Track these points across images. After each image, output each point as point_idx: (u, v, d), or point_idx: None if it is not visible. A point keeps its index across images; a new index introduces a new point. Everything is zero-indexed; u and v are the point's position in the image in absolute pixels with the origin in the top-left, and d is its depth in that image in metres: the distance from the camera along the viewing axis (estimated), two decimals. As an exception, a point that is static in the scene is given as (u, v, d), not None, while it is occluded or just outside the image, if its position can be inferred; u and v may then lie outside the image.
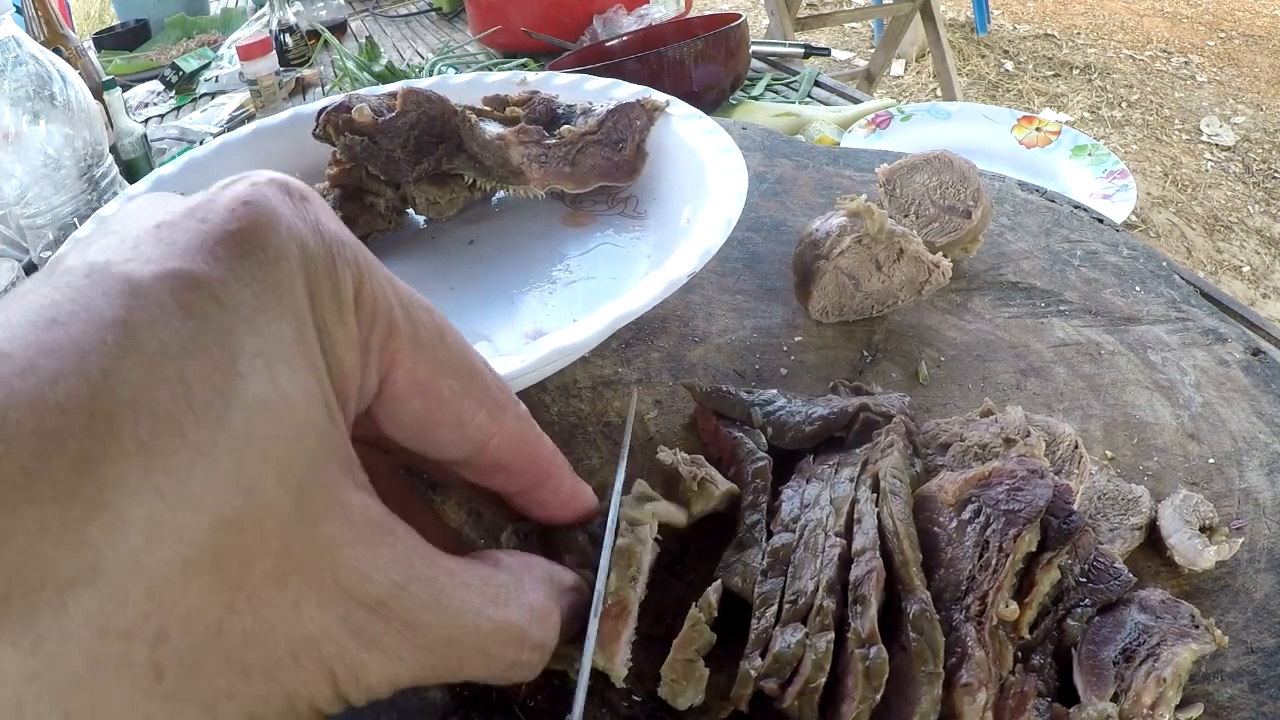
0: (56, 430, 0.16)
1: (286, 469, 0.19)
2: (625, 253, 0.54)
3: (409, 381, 0.23)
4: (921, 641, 0.29)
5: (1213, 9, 3.76)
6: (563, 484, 0.29)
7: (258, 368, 0.18)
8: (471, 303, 0.52)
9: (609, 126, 0.56)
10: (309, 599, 0.19)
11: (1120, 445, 0.43)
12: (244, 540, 0.18)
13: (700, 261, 0.42)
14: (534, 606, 0.25)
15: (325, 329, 0.21)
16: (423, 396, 0.24)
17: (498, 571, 0.25)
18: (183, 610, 0.17)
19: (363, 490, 0.21)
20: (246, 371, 0.18)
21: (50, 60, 0.57)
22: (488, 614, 0.23)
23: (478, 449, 0.25)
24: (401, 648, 0.21)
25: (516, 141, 0.54)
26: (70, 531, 0.16)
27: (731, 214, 0.45)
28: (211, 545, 0.17)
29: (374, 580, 0.20)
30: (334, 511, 0.20)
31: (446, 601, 0.22)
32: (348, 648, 0.20)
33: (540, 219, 0.59)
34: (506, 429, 0.26)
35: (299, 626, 0.19)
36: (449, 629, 0.22)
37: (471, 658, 0.23)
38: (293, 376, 0.19)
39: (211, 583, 0.17)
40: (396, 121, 0.53)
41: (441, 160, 0.55)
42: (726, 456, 0.40)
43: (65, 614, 0.16)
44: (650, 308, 0.40)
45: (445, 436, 0.25)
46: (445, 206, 0.57)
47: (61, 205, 0.57)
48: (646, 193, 0.57)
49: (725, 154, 0.51)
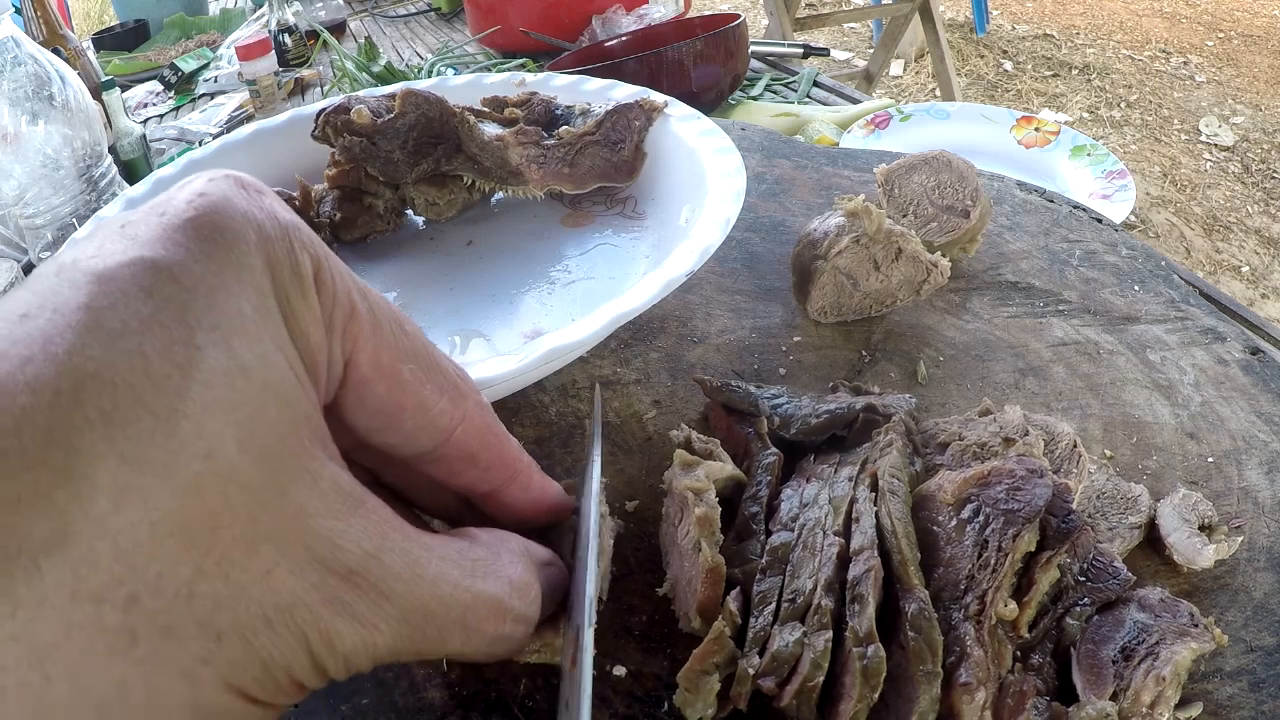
0: (26, 407, 0.16)
1: (248, 435, 0.19)
2: (624, 253, 0.54)
3: (372, 365, 0.24)
4: (920, 640, 0.29)
5: (1211, 9, 3.76)
6: (531, 480, 0.29)
7: (215, 340, 0.19)
8: (470, 303, 0.52)
9: (607, 127, 0.56)
10: (281, 565, 0.19)
11: (1119, 444, 0.43)
12: (208, 505, 0.18)
13: (699, 260, 0.42)
14: (512, 579, 0.25)
15: (288, 304, 0.21)
16: (386, 381, 0.24)
17: (474, 545, 0.25)
18: (153, 574, 0.18)
19: (334, 461, 0.22)
20: (204, 344, 0.19)
21: (49, 60, 0.57)
22: (465, 585, 0.23)
23: (444, 436, 0.26)
24: (376, 617, 0.21)
25: (515, 143, 0.54)
26: (41, 499, 0.16)
27: (730, 213, 0.45)
28: (177, 509, 0.18)
29: (346, 549, 0.21)
30: (302, 479, 0.20)
31: (421, 572, 0.22)
32: (321, 615, 0.20)
33: (539, 219, 0.59)
34: (470, 417, 0.26)
35: (271, 592, 0.19)
36: (425, 599, 0.22)
37: (451, 630, 0.23)
38: (252, 348, 0.20)
39: (180, 546, 0.18)
40: (395, 123, 0.53)
41: (440, 161, 0.55)
42: (740, 451, 0.41)
43: (40, 578, 0.16)
44: (649, 307, 0.40)
45: (411, 423, 0.25)
46: (444, 207, 0.57)
47: (60, 206, 0.57)
48: (645, 193, 0.57)
49: (723, 154, 0.51)
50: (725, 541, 0.35)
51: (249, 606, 0.19)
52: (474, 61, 1.34)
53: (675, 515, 0.36)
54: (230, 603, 0.19)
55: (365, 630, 0.21)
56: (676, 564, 0.35)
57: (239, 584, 0.19)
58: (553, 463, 0.44)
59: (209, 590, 0.18)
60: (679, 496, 0.35)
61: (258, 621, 0.19)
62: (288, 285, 0.21)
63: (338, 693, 0.34)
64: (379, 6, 1.86)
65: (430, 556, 0.23)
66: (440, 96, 0.53)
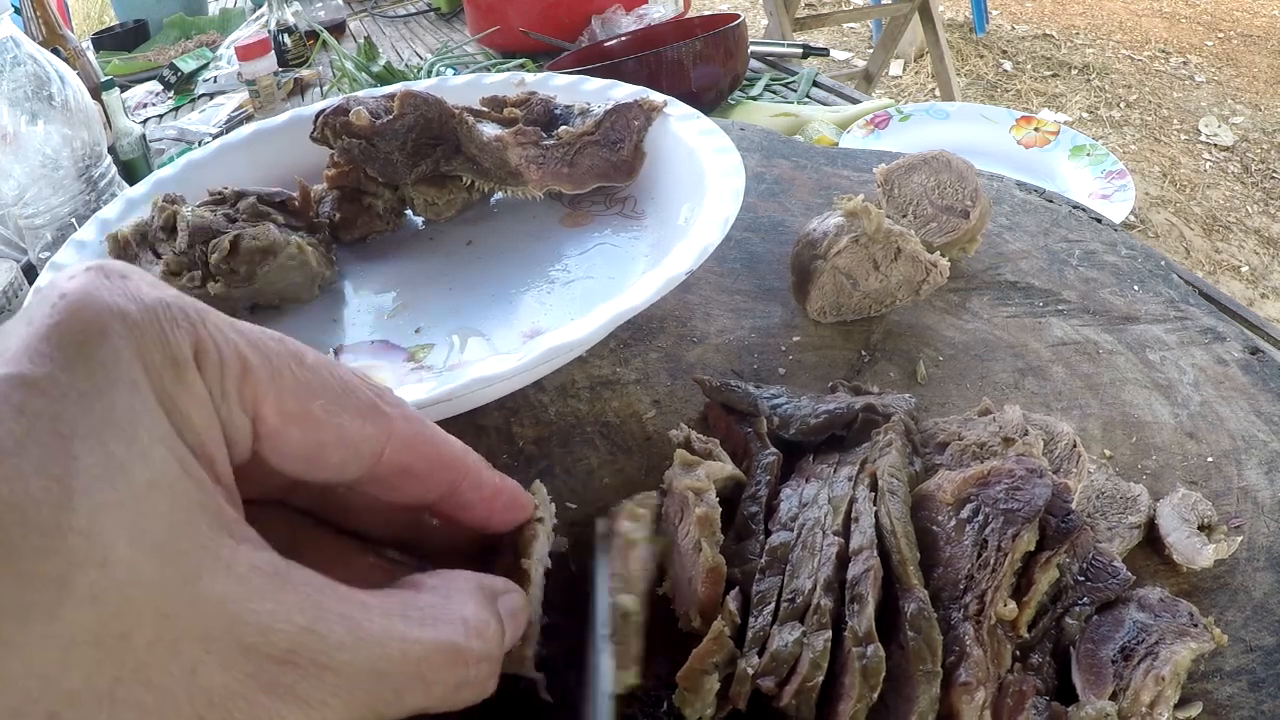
0: None
1: (139, 534, 0.19)
2: (623, 252, 0.54)
3: (279, 414, 0.23)
4: (919, 640, 0.29)
5: (1211, 9, 3.76)
6: (482, 477, 0.28)
7: (90, 447, 0.19)
8: (470, 303, 0.52)
9: (607, 127, 0.56)
10: (206, 661, 0.19)
11: (1119, 444, 0.43)
12: (113, 611, 0.18)
13: (698, 259, 0.42)
14: (467, 619, 0.24)
15: (165, 392, 0.21)
16: (298, 424, 0.23)
17: (420, 593, 0.24)
18: (70, 688, 0.17)
19: (248, 543, 0.21)
20: (80, 452, 0.19)
21: (49, 60, 0.57)
22: (414, 637, 0.22)
23: (373, 459, 0.25)
24: (323, 693, 0.20)
25: (514, 143, 0.54)
26: None
27: (729, 212, 0.45)
28: (84, 620, 0.18)
29: (277, 629, 0.20)
30: (213, 568, 0.20)
31: (364, 634, 0.21)
32: (261, 703, 0.19)
33: (538, 219, 0.59)
34: (397, 432, 0.25)
35: (201, 691, 0.19)
36: (373, 662, 0.21)
37: (408, 687, 0.22)
38: (130, 447, 0.19)
39: (94, 657, 0.18)
40: (394, 124, 0.53)
41: (439, 162, 0.55)
42: (740, 451, 0.41)
43: None
44: (648, 305, 0.40)
45: (336, 457, 0.24)
46: (443, 208, 0.57)
47: (60, 206, 0.57)
48: (644, 192, 0.57)
49: (723, 153, 0.51)
50: (725, 541, 0.35)
51: (178, 709, 0.18)
52: (474, 61, 1.34)
53: (675, 515, 0.36)
54: (157, 709, 0.18)
55: (313, 709, 0.20)
56: (677, 563, 0.35)
57: (164, 688, 0.18)
58: (552, 462, 0.44)
59: (131, 697, 0.18)
60: (679, 496, 0.35)
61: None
62: (161, 373, 0.21)
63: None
64: (379, 6, 1.86)
65: (371, 615, 0.22)
66: (439, 97, 0.54)
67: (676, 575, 0.35)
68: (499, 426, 0.46)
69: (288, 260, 0.51)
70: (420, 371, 0.47)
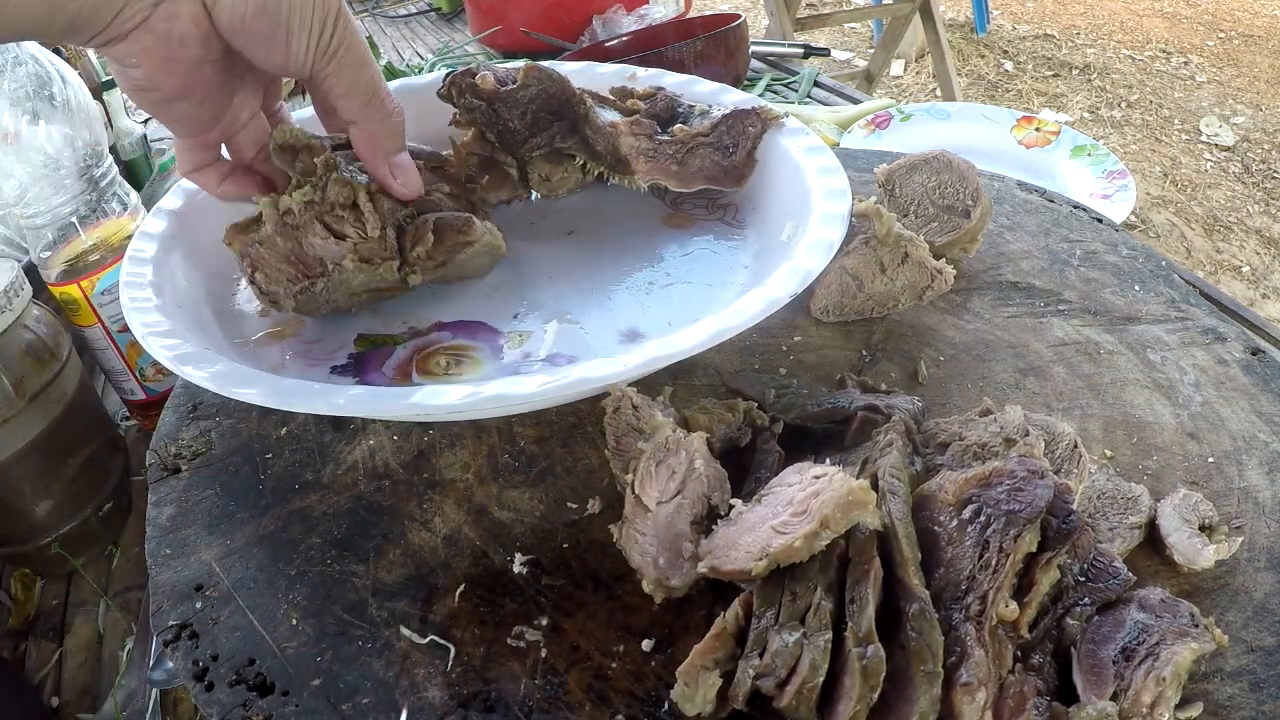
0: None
1: None
2: (723, 260, 0.53)
3: None
4: (920, 641, 0.29)
5: (1212, 9, 3.76)
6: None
7: None
8: (568, 293, 0.52)
9: (722, 130, 0.56)
10: None
11: (1119, 444, 0.43)
12: None
13: (802, 284, 0.42)
14: None
15: None
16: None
17: None
18: None
19: None
20: None
21: (50, 60, 0.57)
22: None
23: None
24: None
25: (628, 132, 0.55)
26: None
27: (835, 237, 0.45)
28: None
29: None
30: None
31: None
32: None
33: (641, 215, 0.59)
34: None
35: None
36: None
37: None
38: None
39: None
40: (517, 93, 0.54)
41: (555, 137, 0.56)
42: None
43: None
44: (749, 327, 0.40)
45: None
46: (557, 184, 0.58)
47: (61, 205, 0.57)
48: (747, 202, 0.57)
49: (829, 174, 0.50)
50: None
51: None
52: (474, 62, 1.34)
53: (650, 470, 0.37)
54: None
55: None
56: (639, 519, 0.36)
57: None
58: (553, 462, 0.44)
59: None
60: (657, 447, 0.37)
61: None
62: None
63: (338, 692, 0.34)
64: (379, 6, 1.86)
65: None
66: (563, 75, 0.54)
67: (645, 531, 0.36)
68: (500, 426, 0.46)
69: (481, 247, 0.50)
70: (519, 359, 0.47)
